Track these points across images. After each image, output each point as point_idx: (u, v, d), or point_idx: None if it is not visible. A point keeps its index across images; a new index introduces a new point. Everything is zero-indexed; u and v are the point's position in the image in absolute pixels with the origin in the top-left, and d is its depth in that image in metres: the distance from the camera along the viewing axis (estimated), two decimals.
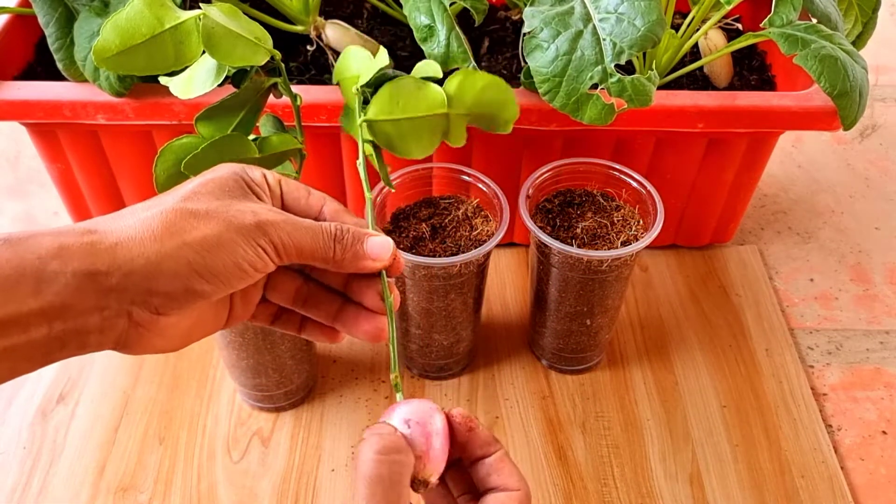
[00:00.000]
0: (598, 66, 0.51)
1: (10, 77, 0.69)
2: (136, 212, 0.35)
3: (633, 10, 0.52)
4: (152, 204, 0.35)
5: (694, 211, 0.76)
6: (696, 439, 0.65)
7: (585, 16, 0.53)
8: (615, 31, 0.52)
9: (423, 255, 0.58)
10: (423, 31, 0.59)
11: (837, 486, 0.62)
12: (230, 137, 0.48)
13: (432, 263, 0.56)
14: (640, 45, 0.52)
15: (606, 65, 0.52)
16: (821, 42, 0.60)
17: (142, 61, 0.45)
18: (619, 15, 0.52)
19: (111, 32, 0.44)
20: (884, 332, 0.74)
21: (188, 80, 0.50)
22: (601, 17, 0.53)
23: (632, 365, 0.70)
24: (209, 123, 0.50)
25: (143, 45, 0.44)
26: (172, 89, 0.51)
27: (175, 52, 0.45)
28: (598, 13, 0.53)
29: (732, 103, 0.64)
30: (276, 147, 0.50)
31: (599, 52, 0.52)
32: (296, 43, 0.75)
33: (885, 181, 0.90)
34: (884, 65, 1.06)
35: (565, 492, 0.61)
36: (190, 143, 0.49)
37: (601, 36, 0.52)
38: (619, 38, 0.52)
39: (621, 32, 0.52)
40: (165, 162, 0.50)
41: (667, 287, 0.77)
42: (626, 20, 0.52)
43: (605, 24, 0.52)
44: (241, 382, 0.64)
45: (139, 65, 0.45)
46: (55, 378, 0.69)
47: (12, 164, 0.92)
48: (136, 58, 0.44)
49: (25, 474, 0.62)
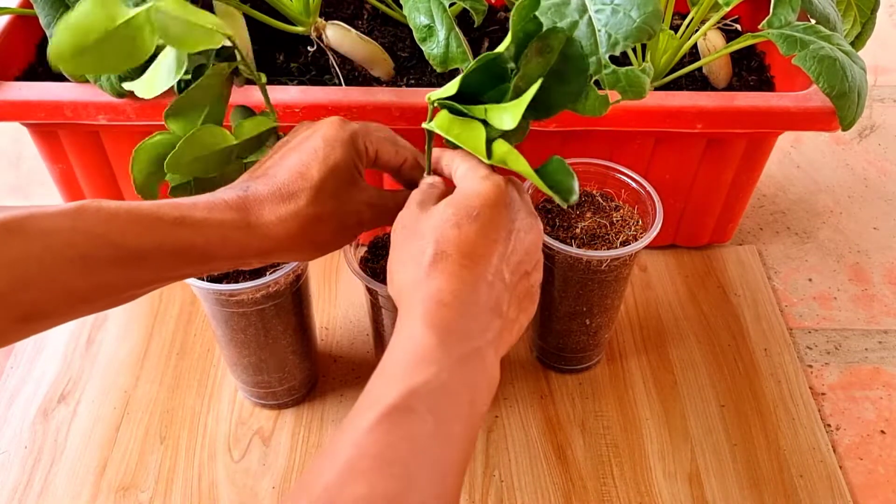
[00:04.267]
0: (593, 58, 0.52)
1: (12, 78, 0.69)
2: (278, 202, 0.45)
3: (629, 1, 0.52)
4: (293, 189, 0.45)
5: (693, 211, 0.76)
6: (695, 438, 0.65)
7: (581, 6, 0.53)
8: (611, 22, 0.52)
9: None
10: (423, 31, 0.59)
11: (836, 485, 0.62)
12: (204, 130, 0.48)
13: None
14: (635, 36, 0.52)
15: (601, 55, 0.52)
16: (819, 43, 0.60)
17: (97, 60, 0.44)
18: (615, 6, 0.52)
19: (64, 33, 0.43)
20: (882, 331, 0.74)
21: (149, 80, 0.51)
22: (597, 8, 0.53)
23: (631, 364, 0.70)
24: (178, 119, 0.50)
25: (97, 44, 0.44)
26: (137, 91, 0.51)
27: (130, 48, 0.45)
28: (593, 4, 0.53)
29: (731, 104, 0.64)
30: (250, 131, 0.51)
31: (594, 44, 0.52)
32: (296, 44, 0.75)
33: (883, 181, 0.90)
34: (882, 65, 1.06)
35: (565, 491, 0.61)
36: (162, 140, 0.49)
37: (596, 27, 0.52)
38: (614, 29, 0.52)
39: (617, 24, 0.52)
40: (140, 163, 0.50)
41: (666, 287, 0.77)
42: (622, 11, 0.52)
43: (600, 14, 0.52)
44: (244, 380, 0.64)
45: (96, 64, 0.45)
46: (56, 377, 0.69)
47: (14, 164, 0.92)
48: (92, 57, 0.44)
49: (27, 473, 0.62)
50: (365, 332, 0.72)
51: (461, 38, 0.59)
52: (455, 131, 0.45)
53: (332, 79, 0.72)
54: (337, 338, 0.72)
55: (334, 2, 0.81)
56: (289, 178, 0.45)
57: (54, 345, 0.71)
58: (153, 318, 0.74)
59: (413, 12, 0.60)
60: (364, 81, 0.72)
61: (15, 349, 0.71)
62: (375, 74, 0.73)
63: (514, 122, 0.43)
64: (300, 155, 0.47)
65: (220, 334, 0.60)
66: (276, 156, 0.48)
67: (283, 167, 0.46)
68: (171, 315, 0.74)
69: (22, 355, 0.71)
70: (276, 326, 0.59)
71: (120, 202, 0.41)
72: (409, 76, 0.73)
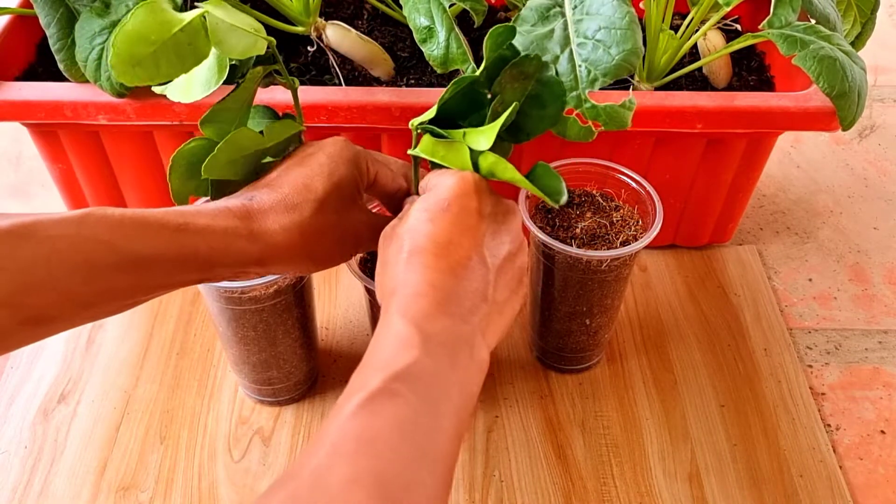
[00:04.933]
0: (574, 93, 0.53)
1: (12, 78, 0.69)
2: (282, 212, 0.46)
3: (610, 37, 0.53)
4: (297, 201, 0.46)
5: (693, 211, 0.76)
6: (695, 438, 0.65)
7: (564, 39, 0.54)
8: (591, 57, 0.53)
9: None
10: (423, 32, 0.59)
11: (836, 485, 0.62)
12: (239, 133, 0.48)
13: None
14: (613, 73, 0.53)
15: (580, 91, 0.53)
16: (819, 43, 0.60)
17: (153, 68, 0.44)
18: (596, 42, 0.53)
19: (122, 44, 0.43)
20: (882, 331, 0.74)
21: (186, 83, 0.51)
22: (579, 41, 0.54)
23: (631, 364, 0.70)
24: (212, 125, 0.50)
25: (154, 53, 0.44)
26: (171, 96, 0.51)
27: (186, 54, 0.45)
28: (577, 37, 0.54)
29: (731, 104, 0.64)
30: (280, 134, 0.51)
31: (574, 79, 0.53)
32: (296, 44, 0.75)
33: (883, 181, 0.90)
34: (882, 65, 1.07)
35: (565, 491, 0.61)
36: (199, 146, 0.50)
37: (577, 62, 0.54)
38: (594, 65, 0.53)
39: (596, 60, 0.53)
40: (179, 169, 0.50)
41: (666, 287, 0.77)
42: (602, 47, 0.53)
43: (582, 49, 0.54)
44: (249, 378, 0.64)
45: (153, 72, 0.44)
46: (56, 377, 0.69)
47: (14, 164, 0.92)
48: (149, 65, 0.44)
49: (27, 473, 0.62)
50: (365, 332, 0.72)
51: (461, 38, 0.59)
52: (440, 153, 0.46)
53: (332, 79, 0.72)
54: (337, 338, 0.72)
55: (334, 2, 0.81)
56: (293, 190, 0.46)
57: (54, 345, 0.71)
58: (153, 318, 0.74)
59: (413, 13, 0.60)
60: (364, 81, 0.72)
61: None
62: (375, 74, 0.73)
63: (488, 144, 0.44)
64: (305, 169, 0.48)
65: (227, 333, 0.60)
66: (279, 169, 0.49)
67: (288, 179, 0.47)
68: (171, 315, 0.74)
69: (22, 355, 0.71)
70: (286, 321, 0.60)
71: (125, 209, 0.42)
72: (409, 76, 0.73)
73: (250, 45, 0.48)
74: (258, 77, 0.51)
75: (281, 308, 0.58)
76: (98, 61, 0.62)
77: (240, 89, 0.50)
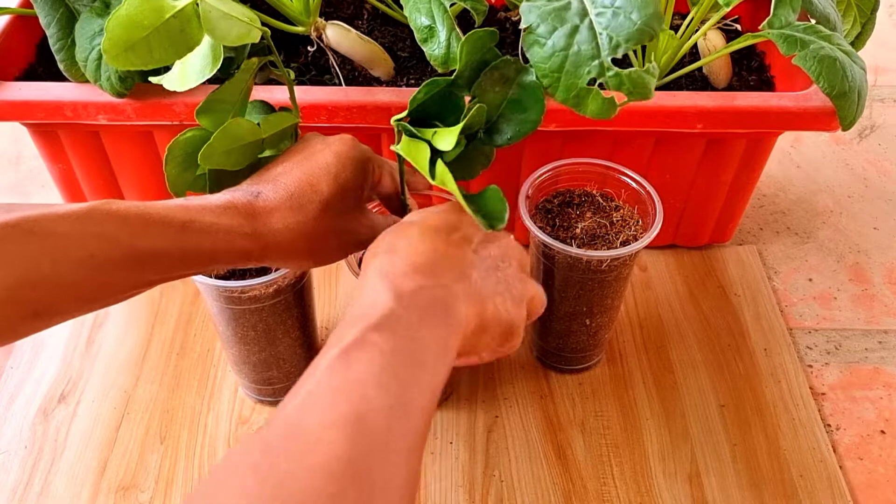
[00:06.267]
0: (596, 61, 0.51)
1: (12, 78, 0.69)
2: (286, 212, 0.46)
3: (630, 4, 0.52)
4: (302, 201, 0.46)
5: (693, 211, 0.76)
6: (695, 438, 0.65)
7: (582, 10, 0.53)
8: (612, 24, 0.52)
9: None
10: (424, 31, 0.59)
11: (836, 485, 0.62)
12: (235, 123, 0.48)
13: None
14: (636, 38, 0.52)
15: (603, 59, 0.51)
16: (819, 43, 0.60)
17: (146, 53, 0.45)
18: (616, 9, 0.52)
19: (115, 30, 0.44)
20: (882, 331, 0.74)
21: (181, 72, 0.51)
22: (598, 11, 0.53)
23: (631, 364, 0.70)
24: (209, 114, 0.50)
25: (146, 38, 0.44)
26: (167, 85, 0.51)
27: (178, 40, 0.45)
28: (594, 7, 0.53)
29: (731, 104, 0.64)
30: (276, 126, 0.51)
31: (596, 47, 0.52)
32: (296, 44, 0.75)
33: (883, 181, 0.90)
34: (882, 65, 1.07)
35: (565, 491, 0.61)
36: (196, 136, 0.50)
37: (597, 30, 0.52)
38: (615, 31, 0.52)
39: (618, 26, 0.52)
40: (175, 158, 0.50)
41: (666, 287, 0.77)
42: (623, 14, 0.52)
43: (601, 18, 0.52)
44: (250, 378, 0.64)
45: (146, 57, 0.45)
46: (56, 377, 0.69)
47: (14, 164, 0.92)
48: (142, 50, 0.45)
49: (27, 473, 0.62)
50: None
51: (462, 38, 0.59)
52: (412, 153, 0.47)
53: (332, 79, 0.72)
54: None
55: (334, 2, 0.81)
56: (299, 189, 0.47)
57: (54, 345, 0.71)
58: (153, 318, 0.74)
59: (414, 13, 0.60)
60: (364, 81, 0.72)
61: (15, 349, 0.71)
62: (375, 74, 0.73)
63: (450, 145, 0.45)
64: (311, 167, 0.48)
65: (227, 333, 0.60)
66: (285, 163, 0.48)
67: (293, 176, 0.47)
68: (171, 315, 0.74)
69: (22, 355, 0.71)
70: (286, 321, 0.60)
71: (129, 203, 0.42)
72: (409, 76, 0.73)
73: (243, 33, 0.48)
74: (253, 68, 0.51)
75: (281, 308, 0.58)
76: (98, 61, 0.62)
77: (235, 79, 0.50)
